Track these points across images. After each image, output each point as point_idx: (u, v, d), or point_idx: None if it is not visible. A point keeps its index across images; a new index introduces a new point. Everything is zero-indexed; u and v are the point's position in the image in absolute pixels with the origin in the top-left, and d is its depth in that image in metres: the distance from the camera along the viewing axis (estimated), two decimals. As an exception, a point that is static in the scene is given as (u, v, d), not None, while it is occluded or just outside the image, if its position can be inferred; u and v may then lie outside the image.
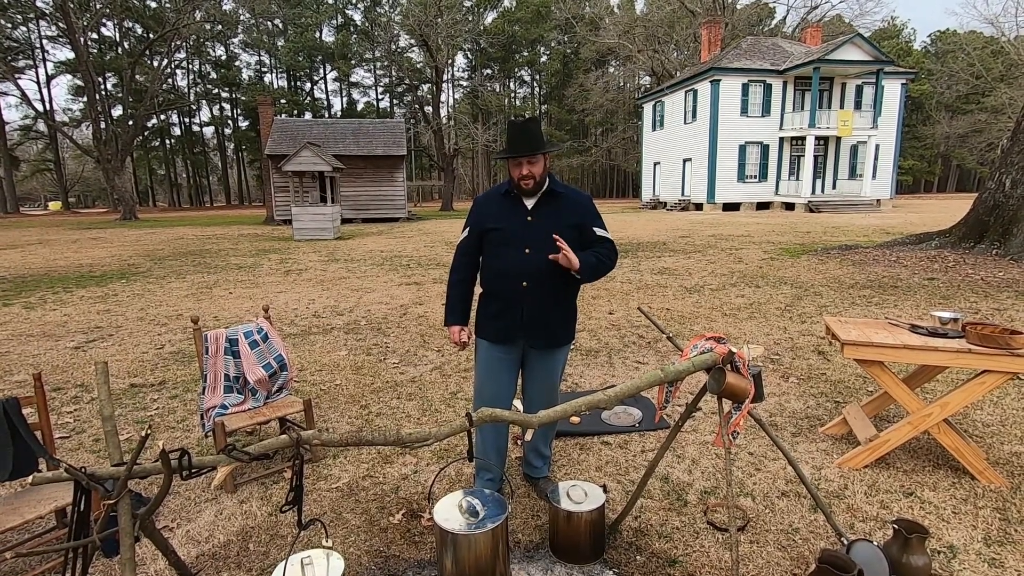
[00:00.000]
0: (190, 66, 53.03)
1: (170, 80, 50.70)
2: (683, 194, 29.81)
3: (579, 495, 2.22)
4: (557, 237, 2.23)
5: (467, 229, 2.47)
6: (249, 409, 2.90)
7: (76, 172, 57.34)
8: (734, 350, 1.86)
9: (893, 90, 27.76)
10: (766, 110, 26.84)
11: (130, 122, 30.76)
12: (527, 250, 2.32)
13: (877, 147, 27.11)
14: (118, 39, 46.41)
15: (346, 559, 2.20)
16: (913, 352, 2.65)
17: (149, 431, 1.24)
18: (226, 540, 2.35)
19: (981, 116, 49.42)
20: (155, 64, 35.36)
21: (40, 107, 42.66)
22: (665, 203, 31.45)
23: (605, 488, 2.28)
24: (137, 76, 38.15)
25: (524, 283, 2.33)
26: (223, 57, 54.99)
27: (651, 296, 7.22)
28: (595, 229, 2.42)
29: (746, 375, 1.87)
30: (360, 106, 62.49)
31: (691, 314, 6.21)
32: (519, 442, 3.19)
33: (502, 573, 1.90)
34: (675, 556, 2.19)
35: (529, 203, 2.38)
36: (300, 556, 1.55)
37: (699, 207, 28.11)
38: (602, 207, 36.07)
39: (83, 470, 1.33)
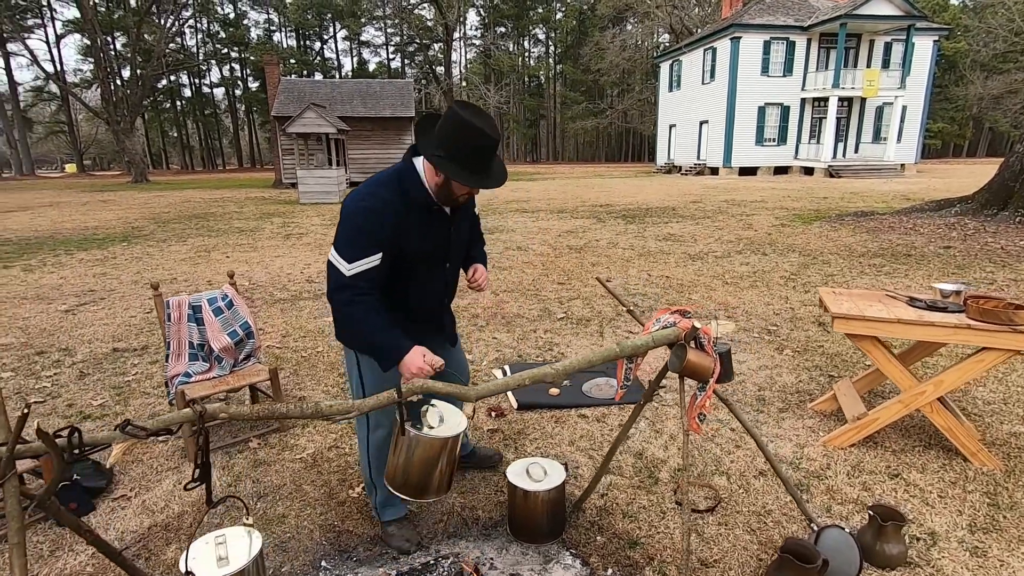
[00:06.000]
0: (198, 25, 52.14)
1: (178, 39, 50.01)
2: (699, 158, 29.01)
3: (539, 473, 2.12)
4: (479, 267, 2.11)
5: (373, 254, 1.70)
6: (214, 377, 2.83)
7: (90, 134, 57.44)
8: (698, 325, 1.71)
9: (924, 48, 26.36)
10: (788, 69, 25.72)
11: (139, 83, 30.48)
12: (447, 264, 1.99)
13: (904, 109, 25.94)
14: (125, -4, 45.62)
15: (296, 533, 2.15)
16: (907, 327, 2.48)
17: (27, 410, 1.14)
18: (180, 511, 2.31)
19: (1018, 76, 46.93)
20: (162, 23, 34.72)
21: (50, 68, 42.48)
22: (680, 167, 30.68)
23: (567, 466, 2.18)
24: (145, 35, 37.64)
25: (445, 299, 2.10)
26: (231, 15, 53.94)
27: (652, 263, 7.02)
28: (476, 211, 2.17)
29: (711, 353, 1.72)
30: (372, 67, 61.28)
31: (691, 282, 6.02)
32: (493, 414, 3.10)
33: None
34: (637, 537, 2.10)
35: (450, 212, 1.89)
36: (214, 535, 1.48)
37: (715, 171, 27.38)
38: (615, 171, 35.42)
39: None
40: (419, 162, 1.78)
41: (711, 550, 2.03)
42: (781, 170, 26.86)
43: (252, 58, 52.51)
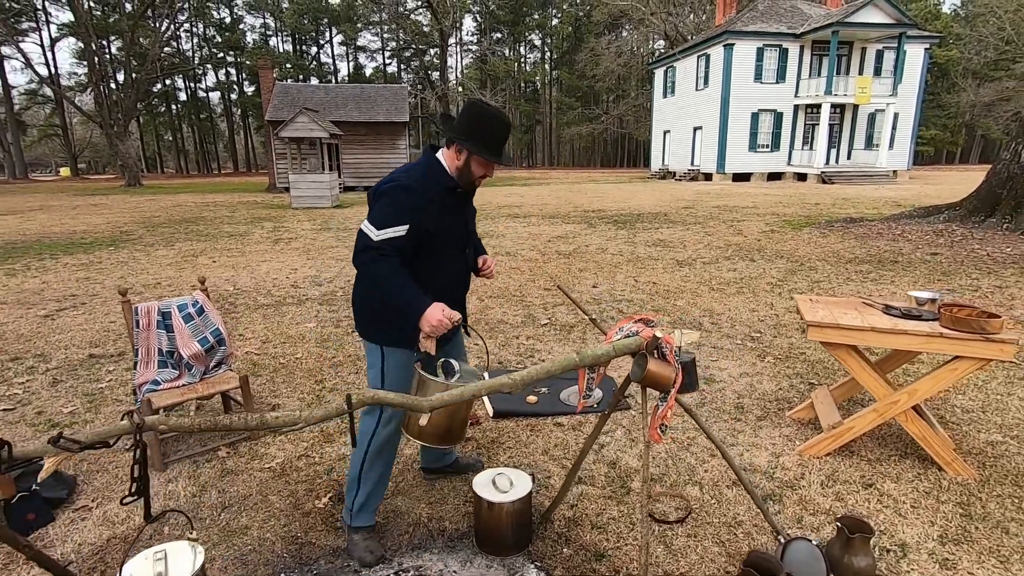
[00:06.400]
0: (194, 29, 52.15)
1: (174, 43, 49.99)
2: (692, 164, 29.11)
3: (505, 484, 2.09)
4: (486, 257, 2.21)
5: (401, 224, 1.84)
6: (183, 385, 2.79)
7: (84, 138, 57.26)
8: (659, 335, 1.68)
9: (916, 55, 26.58)
10: (781, 76, 25.88)
11: (133, 87, 30.40)
12: (467, 250, 2.11)
13: (896, 116, 26.13)
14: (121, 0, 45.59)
15: (258, 546, 2.11)
16: (881, 335, 2.46)
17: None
18: (142, 523, 2.26)
19: (1009, 83, 47.36)
20: (158, 27, 34.70)
21: (44, 71, 42.38)
22: (674, 173, 30.78)
23: (534, 477, 2.15)
24: (141, 39, 37.60)
25: (466, 286, 2.18)
26: (227, 20, 53.97)
27: (640, 268, 7.00)
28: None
29: (672, 362, 1.70)
30: (368, 71, 61.39)
31: (677, 288, 6.01)
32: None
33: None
34: (604, 549, 2.07)
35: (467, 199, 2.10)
36: (153, 551, 1.44)
37: (708, 177, 27.47)
38: (610, 176, 35.49)
39: None
40: (440, 154, 1.99)
41: (678, 562, 2.00)
42: (774, 176, 26.97)
43: (248, 62, 52.57)
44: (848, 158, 27.00)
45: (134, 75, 30.79)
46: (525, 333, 4.62)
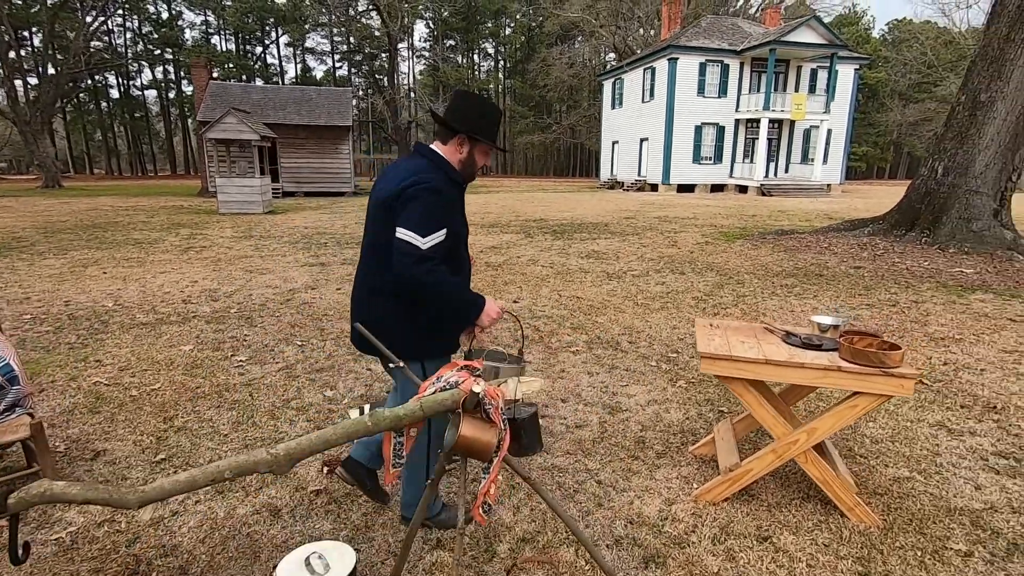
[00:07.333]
0: (127, 23, 49.44)
1: (105, 38, 47.24)
2: (640, 174, 29.50)
3: (320, 565, 1.68)
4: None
5: (440, 229, 1.80)
6: (-45, 436, 2.24)
7: (3, 135, 53.16)
8: (477, 389, 1.32)
9: (846, 75, 27.88)
10: (723, 91, 26.59)
11: (53, 82, 28.32)
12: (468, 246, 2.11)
13: (829, 132, 27.28)
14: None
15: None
16: (776, 368, 2.19)
17: None
18: None
19: (931, 105, 50.61)
20: (85, 19, 32.53)
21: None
22: (623, 183, 31.12)
23: (359, 552, 1.75)
24: (68, 32, 35.21)
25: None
26: (164, 16, 51.45)
27: (567, 282, 6.73)
28: None
29: (498, 422, 1.34)
30: (319, 75, 59.76)
31: (601, 303, 5.75)
32: (326, 469, 2.62)
33: None
34: (442, 643, 1.69)
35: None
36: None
37: (655, 188, 27.88)
38: (560, 186, 35.56)
39: None
40: (438, 150, 1.91)
41: (529, 658, 1.64)
42: (718, 187, 27.63)
43: (187, 60, 50.18)
44: (786, 171, 27.97)
45: (54, 70, 28.71)
46: (428, 355, 4.21)
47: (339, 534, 2.17)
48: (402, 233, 1.73)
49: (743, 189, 26.42)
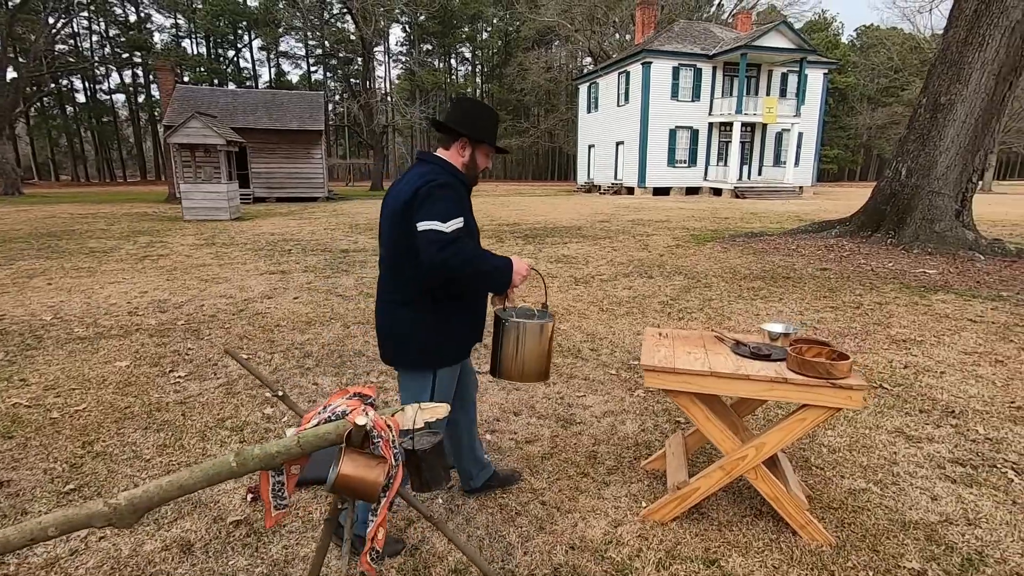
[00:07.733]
0: (93, 26, 48.20)
1: (71, 41, 46.03)
2: (616, 178, 29.62)
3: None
4: None
5: (459, 216, 1.84)
6: None
7: (-37, 141, 51.33)
8: (363, 421, 1.16)
9: (816, 79, 28.39)
10: (696, 95, 26.85)
11: (12, 86, 27.39)
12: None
13: (800, 135, 27.72)
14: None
15: None
16: (721, 381, 2.08)
17: None
18: None
19: (898, 108, 51.93)
20: (47, 20, 31.58)
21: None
22: (599, 187, 31.22)
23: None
24: (31, 34, 34.12)
25: None
26: (132, 19, 50.30)
27: (534, 288, 6.60)
28: None
29: (388, 457, 1.18)
30: (294, 79, 59.00)
31: (566, 309, 5.62)
32: (250, 496, 2.43)
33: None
34: None
35: None
36: None
37: (631, 191, 28.01)
38: (538, 189, 35.55)
39: None
40: (442, 154, 1.98)
41: None
42: (693, 190, 27.86)
43: (155, 64, 49.11)
44: (759, 174, 28.34)
45: (15, 73, 27.78)
46: (381, 367, 4.05)
47: (254, 571, 1.99)
48: (424, 225, 1.76)
49: (718, 192, 26.68)
